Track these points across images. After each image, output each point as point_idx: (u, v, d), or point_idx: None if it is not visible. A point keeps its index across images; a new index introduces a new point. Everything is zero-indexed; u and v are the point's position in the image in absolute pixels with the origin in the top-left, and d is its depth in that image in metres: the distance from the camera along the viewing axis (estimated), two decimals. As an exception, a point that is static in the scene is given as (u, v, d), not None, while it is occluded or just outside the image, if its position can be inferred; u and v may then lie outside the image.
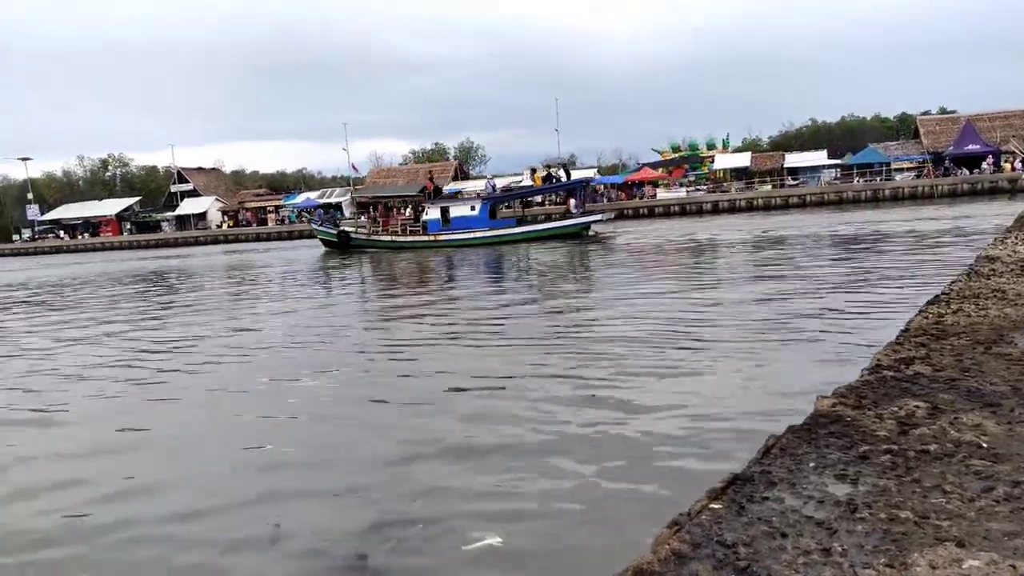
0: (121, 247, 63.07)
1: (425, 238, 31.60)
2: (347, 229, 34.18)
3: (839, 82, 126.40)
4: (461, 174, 72.04)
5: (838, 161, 59.38)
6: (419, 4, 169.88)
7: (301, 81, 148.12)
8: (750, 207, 48.07)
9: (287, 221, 64.46)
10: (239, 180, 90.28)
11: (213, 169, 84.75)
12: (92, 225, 72.96)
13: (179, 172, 77.18)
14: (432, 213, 31.89)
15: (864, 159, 56.27)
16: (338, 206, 62.94)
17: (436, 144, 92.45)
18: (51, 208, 79.35)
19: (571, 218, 32.24)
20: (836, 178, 56.05)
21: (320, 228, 36.04)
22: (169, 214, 72.85)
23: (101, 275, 29.82)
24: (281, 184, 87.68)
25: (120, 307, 16.82)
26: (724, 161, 61.97)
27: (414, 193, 37.42)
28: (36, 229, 75.83)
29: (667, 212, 49.48)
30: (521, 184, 61.11)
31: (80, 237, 70.85)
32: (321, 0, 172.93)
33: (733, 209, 48.10)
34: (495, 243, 30.16)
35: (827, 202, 46.70)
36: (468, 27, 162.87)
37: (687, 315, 9.95)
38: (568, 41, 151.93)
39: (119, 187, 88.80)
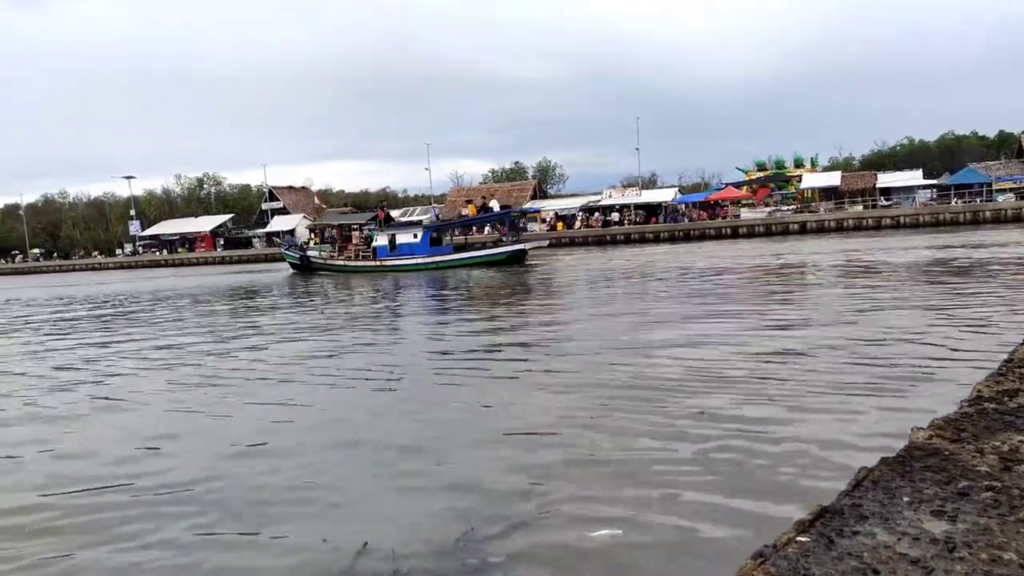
0: (214, 262, 65.95)
1: (373, 263, 34.40)
2: (310, 254, 37.85)
3: (937, 99, 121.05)
4: (540, 193, 72.42)
5: (935, 181, 56.94)
6: (505, 27, 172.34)
7: (387, 103, 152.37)
8: (840, 228, 46.50)
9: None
10: (325, 199, 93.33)
11: (302, 188, 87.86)
12: (188, 240, 76.68)
13: (270, 191, 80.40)
14: (381, 240, 34.69)
15: (963, 179, 53.77)
16: (419, 223, 64.19)
17: (516, 164, 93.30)
18: (151, 224, 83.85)
19: (502, 246, 33.95)
20: (932, 199, 53.70)
21: (287, 252, 39.54)
22: (260, 231, 75.82)
23: (199, 288, 31.30)
24: (365, 203, 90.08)
25: (208, 319, 17.58)
26: (812, 180, 60.31)
27: (363, 221, 40.87)
28: (137, 243, 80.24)
29: (751, 232, 48.37)
30: (601, 202, 61.37)
31: (162, 252, 74.59)
32: (406, 26, 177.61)
33: (821, 230, 46.63)
34: (434, 268, 32.36)
35: (923, 224, 44.77)
36: (553, 49, 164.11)
37: (768, 340, 9.68)
38: (652, 60, 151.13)
39: (214, 204, 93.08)
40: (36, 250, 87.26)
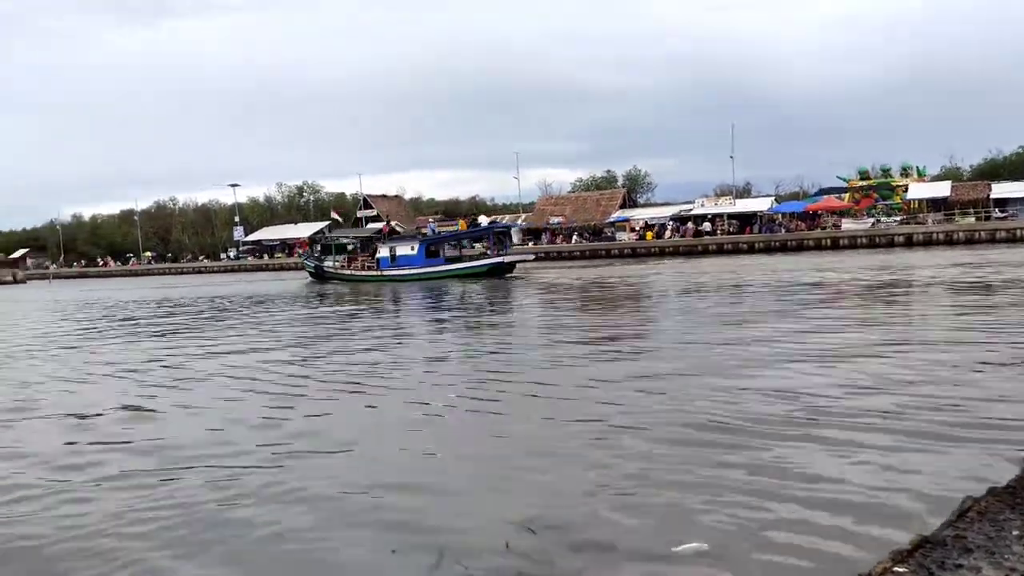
0: (311, 267, 68.26)
1: (376, 273, 38.19)
2: (325, 265, 42.13)
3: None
4: (629, 202, 71.76)
5: (1057, 192, 53.19)
6: (599, 38, 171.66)
7: (479, 113, 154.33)
8: (949, 241, 44.01)
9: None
10: (417, 207, 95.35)
11: (395, 196, 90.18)
12: (288, 246, 79.85)
13: (365, 199, 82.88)
14: (383, 252, 38.46)
15: (1089, 189, 50.00)
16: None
17: (608, 172, 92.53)
18: (254, 230, 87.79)
19: (487, 259, 36.66)
20: (1054, 210, 50.21)
21: (306, 262, 45.23)
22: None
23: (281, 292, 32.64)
24: (455, 211, 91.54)
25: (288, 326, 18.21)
26: (919, 191, 57.44)
27: (370, 235, 45.06)
28: (240, 248, 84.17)
29: (853, 244, 46.45)
30: (693, 211, 60.30)
31: (262, 256, 77.84)
32: (499, 38, 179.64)
33: (929, 242, 44.28)
34: (427, 279, 35.23)
35: (1042, 237, 41.94)
36: (646, 58, 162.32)
37: (869, 362, 9.27)
38: (751, 66, 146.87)
39: (312, 212, 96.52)
40: (148, 253, 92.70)
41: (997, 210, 52.08)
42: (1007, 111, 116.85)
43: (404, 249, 37.62)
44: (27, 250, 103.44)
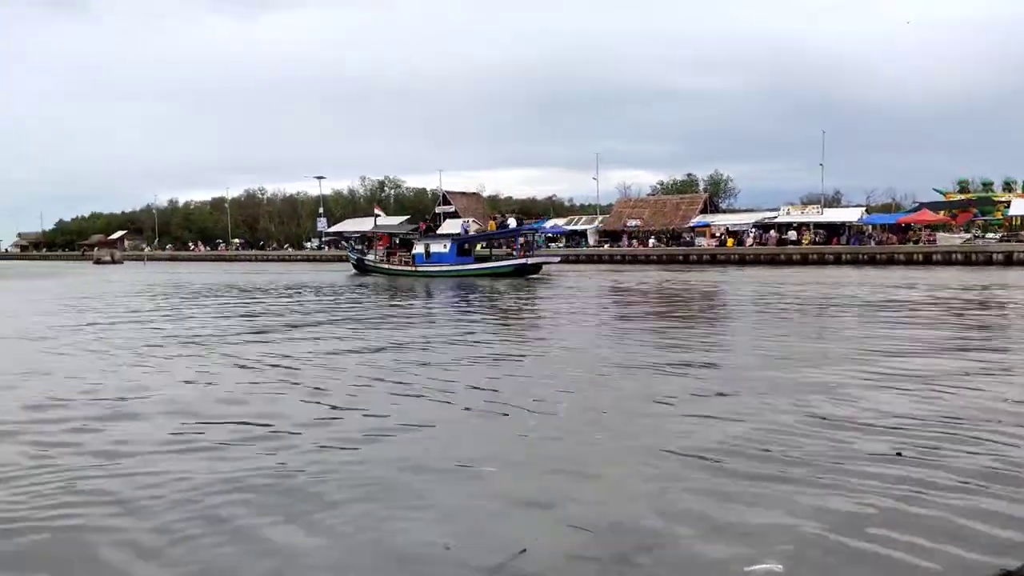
0: (389, 259, 69.47)
1: (411, 268, 40.18)
2: (367, 258, 44.96)
3: None
4: (710, 207, 70.10)
5: None
6: (682, 40, 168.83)
7: (560, 113, 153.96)
8: (1053, 261, 41.18)
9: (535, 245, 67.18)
10: (494, 204, 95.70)
11: (473, 193, 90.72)
12: (367, 239, 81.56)
13: (444, 195, 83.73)
14: (418, 248, 40.41)
15: None
16: (583, 233, 65.45)
17: (689, 175, 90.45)
18: (337, 221, 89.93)
19: (512, 259, 38.35)
20: None
21: (350, 255, 48.48)
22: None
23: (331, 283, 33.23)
24: (531, 209, 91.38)
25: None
26: (1023, 206, 54.06)
27: (406, 231, 47.82)
28: (322, 239, 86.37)
29: (947, 260, 44.04)
30: (777, 219, 58.47)
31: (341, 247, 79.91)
32: (582, 40, 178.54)
33: (1030, 262, 41.53)
34: (457, 275, 36.96)
35: None
36: (732, 61, 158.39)
37: (959, 387, 8.65)
38: (844, 69, 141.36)
39: (392, 206, 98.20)
40: (236, 240, 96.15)
41: (1111, 230, 48.55)
42: None
43: (438, 247, 39.70)
44: (125, 232, 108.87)
